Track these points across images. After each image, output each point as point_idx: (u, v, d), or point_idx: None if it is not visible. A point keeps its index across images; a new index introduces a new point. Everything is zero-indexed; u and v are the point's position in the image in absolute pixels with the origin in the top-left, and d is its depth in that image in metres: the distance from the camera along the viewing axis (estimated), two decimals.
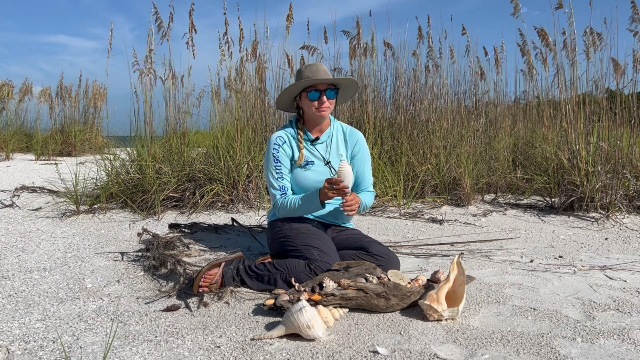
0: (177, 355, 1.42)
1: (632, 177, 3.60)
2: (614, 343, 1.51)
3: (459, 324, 1.64)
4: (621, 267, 2.33)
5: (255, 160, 3.81)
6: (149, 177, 3.60)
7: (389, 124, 4.65)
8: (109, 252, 2.58)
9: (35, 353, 1.43)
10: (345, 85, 2.27)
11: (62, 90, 9.36)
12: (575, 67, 3.87)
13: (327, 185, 2.00)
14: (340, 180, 1.98)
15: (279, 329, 1.53)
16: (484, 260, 2.45)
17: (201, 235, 2.90)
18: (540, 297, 1.91)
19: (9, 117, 9.31)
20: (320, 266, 1.93)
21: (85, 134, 9.07)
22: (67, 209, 3.65)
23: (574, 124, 3.78)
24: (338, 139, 2.29)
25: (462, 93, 5.23)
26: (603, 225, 3.26)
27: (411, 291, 1.74)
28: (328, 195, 2.02)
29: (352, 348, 1.46)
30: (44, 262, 2.37)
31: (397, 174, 4.00)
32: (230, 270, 1.96)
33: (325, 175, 2.19)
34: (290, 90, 2.20)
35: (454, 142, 4.43)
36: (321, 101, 2.15)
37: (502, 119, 5.11)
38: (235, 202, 3.72)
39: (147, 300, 1.87)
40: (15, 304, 1.82)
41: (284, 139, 2.23)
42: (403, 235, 3.03)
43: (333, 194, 2.01)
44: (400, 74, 4.78)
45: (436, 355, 1.41)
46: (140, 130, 3.98)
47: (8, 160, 7.75)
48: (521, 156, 4.74)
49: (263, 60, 4.44)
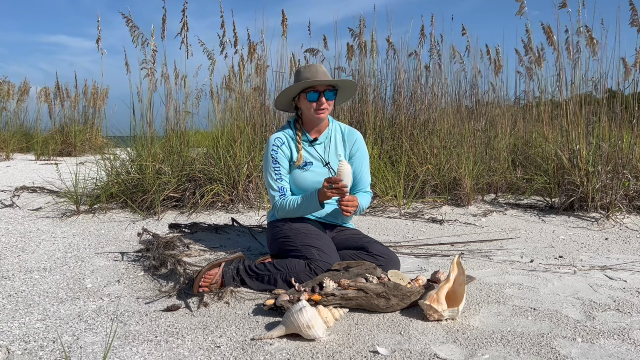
0: (177, 355, 1.42)
1: (632, 177, 3.60)
2: (614, 343, 1.51)
3: (459, 324, 1.64)
4: (621, 267, 2.33)
5: (255, 160, 3.81)
6: (149, 177, 3.60)
7: (389, 124, 4.65)
8: (109, 252, 2.58)
9: (35, 353, 1.43)
10: (344, 86, 2.27)
11: (60, 90, 9.36)
12: (579, 66, 3.87)
13: (326, 184, 2.00)
14: (339, 179, 1.98)
15: (279, 329, 1.53)
16: (484, 260, 2.45)
17: (201, 235, 2.90)
18: (540, 297, 1.91)
19: (9, 117, 9.31)
20: (320, 266, 1.94)
21: (85, 134, 9.07)
22: (67, 209, 3.65)
23: (575, 123, 3.78)
24: (336, 140, 2.29)
25: (462, 93, 5.23)
26: (603, 225, 3.26)
27: (411, 291, 1.74)
28: (327, 195, 2.02)
29: (352, 348, 1.46)
30: (44, 262, 2.37)
31: (398, 174, 3.99)
32: (230, 270, 1.96)
33: (324, 176, 2.19)
34: (289, 91, 2.20)
35: (454, 142, 4.43)
36: (320, 102, 2.15)
37: (502, 119, 5.11)
38: (235, 202, 3.73)
39: (147, 300, 1.87)
40: (15, 304, 1.82)
41: (283, 140, 2.23)
42: (403, 235, 3.03)
43: (332, 193, 2.01)
44: (400, 74, 4.78)
45: (436, 355, 1.41)
46: (140, 130, 3.98)
47: (8, 160, 7.75)
48: (521, 156, 4.74)
49: (263, 60, 4.44)
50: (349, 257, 2.09)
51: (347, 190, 2.02)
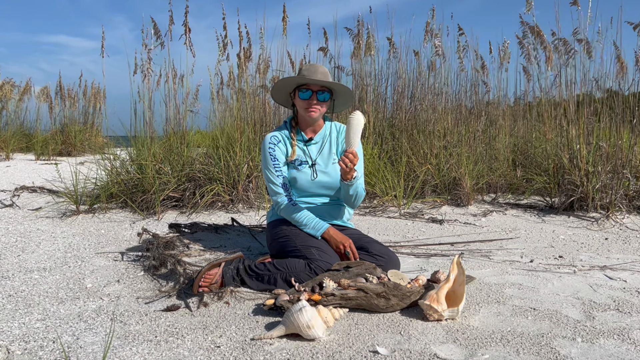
0: (177, 355, 1.42)
1: (632, 177, 3.60)
2: (614, 343, 1.51)
3: (459, 324, 1.64)
4: (621, 267, 2.33)
5: (255, 160, 3.81)
6: (149, 177, 3.60)
7: (389, 124, 4.65)
8: (109, 252, 2.58)
9: (35, 353, 1.43)
10: (340, 92, 2.23)
11: (62, 90, 9.36)
12: (584, 64, 3.87)
13: (341, 247, 2.05)
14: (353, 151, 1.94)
15: (279, 329, 1.53)
16: (484, 260, 2.45)
17: (201, 235, 2.90)
18: (540, 297, 1.91)
19: (9, 117, 9.31)
20: (320, 266, 1.94)
21: (85, 134, 9.07)
22: (67, 209, 3.65)
23: (575, 123, 3.78)
24: (331, 139, 2.28)
25: (462, 93, 5.23)
26: (603, 225, 3.26)
27: (411, 291, 1.74)
28: (332, 243, 2.08)
29: (352, 348, 1.46)
30: (44, 262, 2.37)
31: (397, 174, 3.99)
32: (230, 270, 1.96)
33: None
34: (284, 83, 2.19)
35: (454, 142, 4.43)
36: (311, 101, 2.14)
37: (502, 119, 5.11)
38: (235, 202, 3.73)
39: (147, 300, 1.87)
40: (15, 304, 1.82)
41: (279, 138, 2.23)
42: (403, 235, 3.03)
43: (339, 250, 2.06)
44: (401, 74, 4.78)
45: (436, 355, 1.41)
46: (140, 130, 3.98)
47: (8, 160, 7.74)
48: (521, 156, 4.74)
49: (263, 58, 4.44)
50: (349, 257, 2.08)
51: (355, 253, 2.06)
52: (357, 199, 2.16)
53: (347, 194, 2.12)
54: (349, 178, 2.02)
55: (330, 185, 2.21)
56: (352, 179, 2.03)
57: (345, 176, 2.02)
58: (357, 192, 2.12)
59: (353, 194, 2.12)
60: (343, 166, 1.95)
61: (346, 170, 1.97)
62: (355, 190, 2.10)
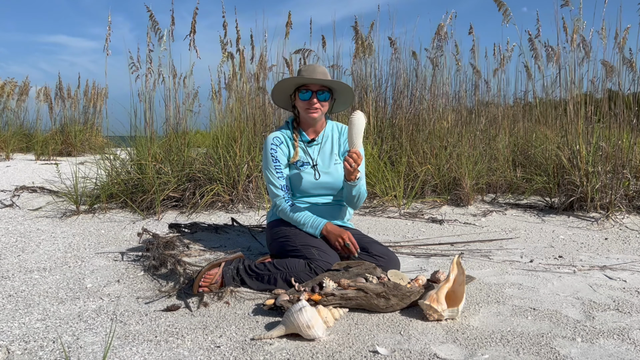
0: (177, 355, 1.42)
1: (632, 177, 3.60)
2: (614, 343, 1.51)
3: (459, 324, 1.64)
4: (621, 267, 2.33)
5: (255, 160, 3.81)
6: (149, 177, 3.60)
7: (389, 124, 4.65)
8: (109, 252, 2.58)
9: (35, 353, 1.43)
10: (341, 90, 2.22)
11: (62, 90, 9.35)
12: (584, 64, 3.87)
13: (340, 240, 2.03)
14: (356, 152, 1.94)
15: (279, 329, 1.53)
16: (484, 260, 2.45)
17: (201, 235, 2.90)
18: (540, 297, 1.91)
19: (9, 117, 9.31)
20: (320, 266, 1.94)
21: (85, 134, 9.06)
22: (67, 209, 3.65)
23: (575, 123, 3.78)
24: (333, 139, 2.28)
25: (462, 93, 5.23)
26: (603, 225, 3.26)
27: (411, 291, 1.74)
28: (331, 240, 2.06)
29: (352, 348, 1.46)
30: (44, 262, 2.37)
31: (397, 174, 3.99)
32: (230, 270, 1.96)
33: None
34: (283, 85, 2.19)
35: (454, 142, 4.43)
36: (311, 101, 2.14)
37: (502, 118, 5.11)
38: (235, 202, 3.73)
39: (147, 300, 1.87)
40: (15, 304, 1.82)
41: (281, 139, 2.23)
42: (403, 235, 3.03)
43: (339, 244, 2.05)
44: (401, 74, 4.78)
45: (436, 355, 1.41)
46: (140, 131, 3.98)
47: (8, 160, 7.74)
48: (521, 156, 4.74)
49: (264, 60, 4.44)
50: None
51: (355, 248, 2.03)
52: (359, 199, 2.16)
53: (350, 195, 2.12)
54: (352, 178, 2.02)
55: (332, 185, 2.21)
56: (356, 180, 2.04)
57: (349, 177, 2.02)
58: (359, 193, 2.12)
59: (356, 195, 2.12)
60: (347, 166, 1.96)
61: (350, 170, 1.98)
62: (358, 190, 2.10)
